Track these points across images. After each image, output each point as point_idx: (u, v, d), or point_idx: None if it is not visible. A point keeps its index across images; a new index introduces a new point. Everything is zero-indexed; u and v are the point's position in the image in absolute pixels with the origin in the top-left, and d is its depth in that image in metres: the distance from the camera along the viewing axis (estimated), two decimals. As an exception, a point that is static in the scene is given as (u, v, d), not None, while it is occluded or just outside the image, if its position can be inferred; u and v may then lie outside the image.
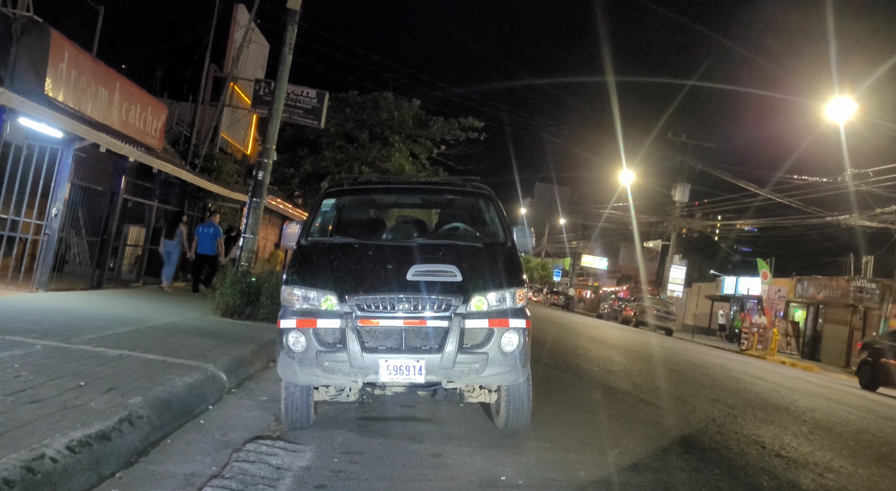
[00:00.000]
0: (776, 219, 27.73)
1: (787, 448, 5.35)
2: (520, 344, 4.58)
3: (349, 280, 4.60)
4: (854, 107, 20.59)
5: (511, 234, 5.46)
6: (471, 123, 22.71)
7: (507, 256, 5.16)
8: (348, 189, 5.99)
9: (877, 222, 22.03)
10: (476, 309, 4.56)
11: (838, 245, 27.23)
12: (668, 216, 37.39)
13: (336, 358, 4.37)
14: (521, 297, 4.75)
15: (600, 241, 57.15)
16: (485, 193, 5.90)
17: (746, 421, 6.43)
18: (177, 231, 12.88)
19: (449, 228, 5.81)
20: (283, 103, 11.17)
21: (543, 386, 6.99)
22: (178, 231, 12.89)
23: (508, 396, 4.87)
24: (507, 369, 4.54)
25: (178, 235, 12.88)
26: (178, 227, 12.94)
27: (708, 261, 47.85)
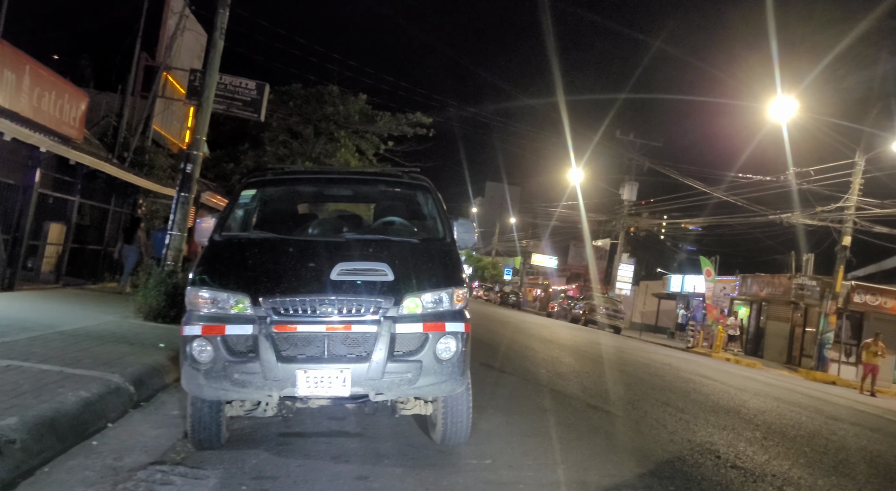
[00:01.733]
0: (721, 217, 28.11)
1: (742, 457, 5.04)
2: (458, 350, 4.12)
3: (265, 280, 4.06)
4: (795, 106, 20.93)
5: (451, 228, 4.99)
6: (419, 119, 22.20)
7: (445, 252, 4.69)
8: (271, 179, 5.42)
9: (817, 221, 22.43)
10: (409, 312, 4.08)
11: (781, 243, 27.76)
12: (616, 215, 37.65)
13: (247, 369, 3.82)
14: (459, 298, 4.29)
15: (550, 240, 57.43)
16: (423, 185, 5.41)
17: (699, 426, 6.13)
18: (135, 236, 13.03)
19: (383, 223, 5.31)
20: (214, 92, 10.47)
21: (487, 392, 6.57)
22: (136, 236, 13.04)
23: (446, 407, 4.41)
24: (443, 379, 4.08)
25: (136, 240, 13.00)
26: (137, 233, 13.08)
27: (655, 259, 48.53)
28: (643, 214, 37.86)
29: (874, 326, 22.51)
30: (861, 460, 5.73)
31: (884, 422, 9.75)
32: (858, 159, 21.35)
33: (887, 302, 22.81)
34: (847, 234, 21.59)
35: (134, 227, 13.28)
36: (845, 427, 7.80)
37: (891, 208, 21.19)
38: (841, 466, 5.28)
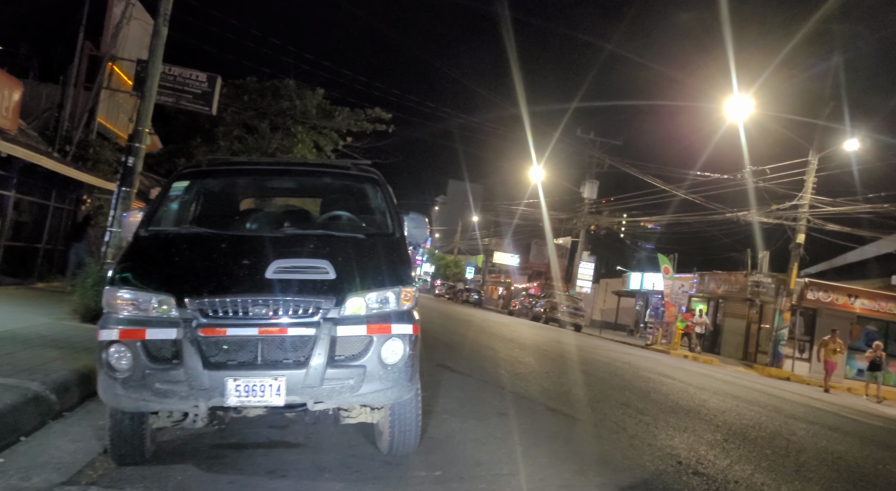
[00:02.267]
0: (679, 215, 28.37)
1: (704, 462, 4.85)
2: (405, 354, 3.82)
3: (192, 279, 3.70)
4: (752, 105, 21.17)
5: (401, 223, 4.69)
6: (378, 115, 21.78)
7: (393, 248, 4.38)
8: (207, 170, 5.03)
9: (773, 218, 22.75)
10: (352, 313, 3.77)
11: (737, 241, 28.14)
12: (577, 213, 37.80)
13: (170, 378, 3.46)
14: (407, 297, 3.99)
15: (512, 239, 57.53)
16: (372, 177, 5.08)
17: (659, 429, 5.94)
18: (85, 233, 12.84)
19: (329, 217, 4.98)
20: (157, 82, 9.96)
21: (442, 396, 6.29)
22: (86, 233, 12.85)
23: (393, 415, 4.11)
24: (389, 385, 3.77)
25: (86, 238, 12.81)
26: (87, 230, 12.88)
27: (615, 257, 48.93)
28: (604, 213, 38.09)
29: (826, 322, 22.94)
30: (822, 463, 5.61)
31: (840, 420, 9.77)
32: (812, 158, 21.71)
33: (839, 298, 23.26)
34: (801, 231, 21.94)
35: (85, 225, 12.94)
36: (804, 427, 7.73)
37: (842, 206, 21.60)
38: (803, 470, 5.14)
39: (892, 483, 5.38)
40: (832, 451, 6.27)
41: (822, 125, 21.56)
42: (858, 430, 8.80)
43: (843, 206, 21.57)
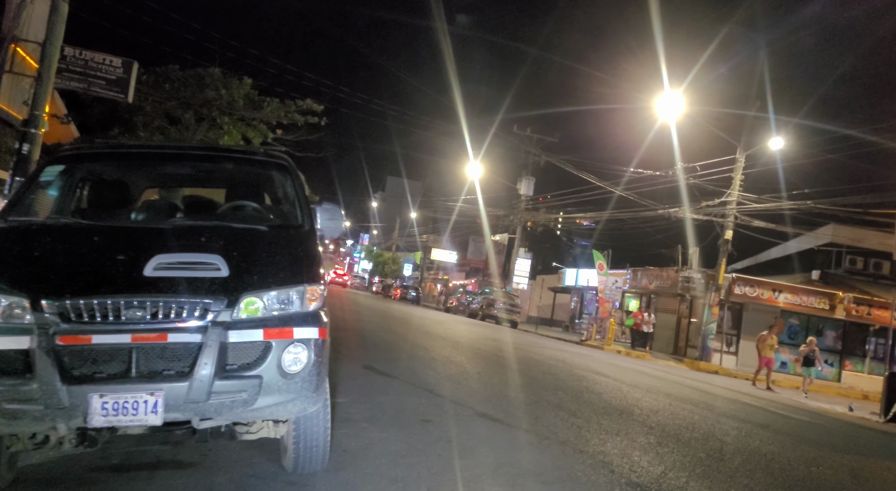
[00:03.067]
0: (613, 212, 28.66)
1: (637, 470, 4.57)
2: (310, 361, 3.37)
3: (53, 278, 3.16)
4: (682, 103, 21.47)
5: (311, 214, 4.21)
6: (309, 106, 21.07)
7: (299, 242, 3.91)
8: (86, 153, 4.44)
9: (703, 215, 23.18)
10: (247, 315, 3.29)
11: (669, 237, 28.64)
12: (514, 210, 37.86)
13: (21, 395, 2.91)
14: (313, 297, 3.54)
15: (451, 235, 57.39)
16: (280, 163, 4.57)
17: (591, 433, 5.66)
18: None
19: (231, 208, 4.46)
20: (56, 62, 9.17)
21: (364, 401, 5.84)
22: None
23: (298, 429, 3.65)
24: (290, 397, 3.32)
25: None
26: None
27: (552, 254, 49.37)
28: (541, 210, 38.29)
29: (752, 316, 23.57)
30: (756, 467, 5.44)
31: (770, 416, 9.81)
32: (739, 156, 22.21)
33: (764, 293, 23.92)
34: (729, 228, 22.42)
35: None
36: (737, 426, 7.64)
37: (767, 203, 22.20)
38: (738, 474, 4.94)
39: (825, 488, 5.25)
40: (765, 452, 6.14)
41: (749, 124, 22.09)
42: (789, 427, 8.82)
43: (768, 202, 22.17)
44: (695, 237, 24.03)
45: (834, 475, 5.68)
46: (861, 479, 5.81)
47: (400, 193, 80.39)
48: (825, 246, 29.42)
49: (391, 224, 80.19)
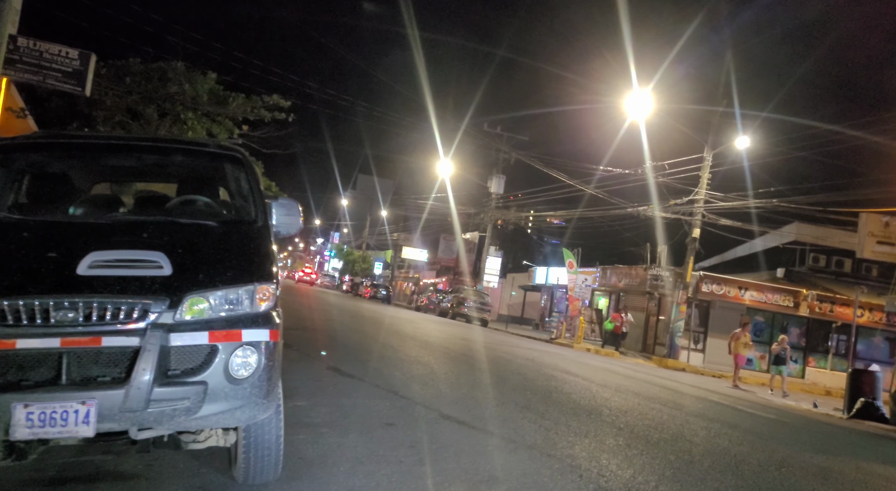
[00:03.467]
0: (583, 210, 28.75)
1: (606, 474, 4.44)
2: (260, 365, 3.16)
3: None
4: (651, 102, 21.56)
5: (265, 209, 3.99)
6: (276, 102, 20.64)
7: (251, 238, 3.69)
8: (24, 144, 4.15)
9: (671, 213, 23.33)
10: (191, 316, 3.07)
11: (638, 235, 28.82)
12: (484, 208, 37.80)
13: None
14: (265, 296, 3.32)
15: (421, 234, 57.19)
16: (233, 156, 4.34)
17: (559, 436, 5.52)
18: None
19: (181, 202, 4.21)
20: (3, 52, 8.71)
21: (324, 404, 5.63)
22: None
23: (248, 437, 3.43)
24: (238, 404, 3.11)
25: None
26: None
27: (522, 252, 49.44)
28: (511, 208, 38.29)
29: (719, 314, 23.80)
30: (727, 469, 5.36)
31: (739, 416, 9.81)
32: (706, 154, 22.39)
33: (730, 291, 24.18)
34: (696, 226, 22.60)
35: None
36: (705, 425, 7.58)
37: (733, 201, 22.43)
38: (708, 478, 4.83)
39: (796, 488, 5.18)
40: (735, 453, 6.07)
41: (716, 123, 22.29)
42: (757, 426, 8.81)
43: (735, 201, 22.40)
44: (664, 235, 24.20)
45: (804, 477, 5.62)
46: (831, 480, 5.76)
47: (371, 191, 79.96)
48: (790, 244, 29.90)
49: (362, 222, 79.71)
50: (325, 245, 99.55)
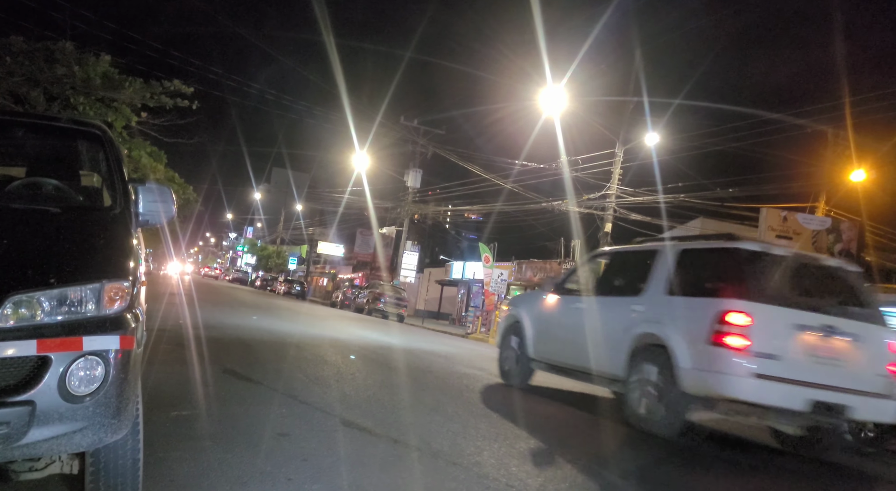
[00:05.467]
0: (499, 205, 28.83)
1: (514, 482, 4.12)
2: (108, 379, 2.64)
3: None
4: (565, 97, 21.73)
5: (127, 194, 3.42)
6: (178, 88, 19.41)
7: (103, 228, 3.14)
8: None
9: (584, 208, 23.67)
10: (15, 321, 2.52)
11: (553, 230, 29.18)
12: (401, 202, 37.39)
13: None
14: (117, 296, 2.79)
15: (338, 228, 56.20)
16: (89, 132, 3.74)
17: (468, 440, 5.19)
18: None
19: (23, 185, 3.59)
20: None
21: (211, 414, 5.07)
22: None
23: (97, 463, 2.89)
24: (79, 426, 2.58)
25: None
26: None
27: (439, 247, 49.36)
28: (430, 203, 38.06)
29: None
30: (643, 471, 5.18)
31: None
32: (618, 150, 22.83)
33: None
34: (608, 221, 23.02)
35: None
36: (614, 426, 7.45)
37: (643, 197, 22.99)
38: (623, 484, 4.62)
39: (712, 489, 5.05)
40: (651, 456, 5.92)
41: (627, 119, 22.76)
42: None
43: (644, 196, 22.96)
44: (578, 230, 24.54)
45: (727, 473, 5.54)
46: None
47: (285, 185, 78.00)
48: (695, 238, 31.03)
49: (276, 217, 77.67)
50: (239, 240, 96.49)
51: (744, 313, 5.68)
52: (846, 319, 6.00)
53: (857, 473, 6.86)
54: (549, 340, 8.37)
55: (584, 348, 7.36)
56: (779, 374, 5.61)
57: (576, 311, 7.93)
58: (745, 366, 5.60)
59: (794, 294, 6.08)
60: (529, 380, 8.92)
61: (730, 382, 5.61)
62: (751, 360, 5.59)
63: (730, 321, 5.67)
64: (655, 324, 6.49)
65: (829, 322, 5.88)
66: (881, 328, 6.26)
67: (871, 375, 5.96)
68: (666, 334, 6.24)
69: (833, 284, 6.48)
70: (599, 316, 7.44)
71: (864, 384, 5.91)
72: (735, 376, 5.61)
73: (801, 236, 19.74)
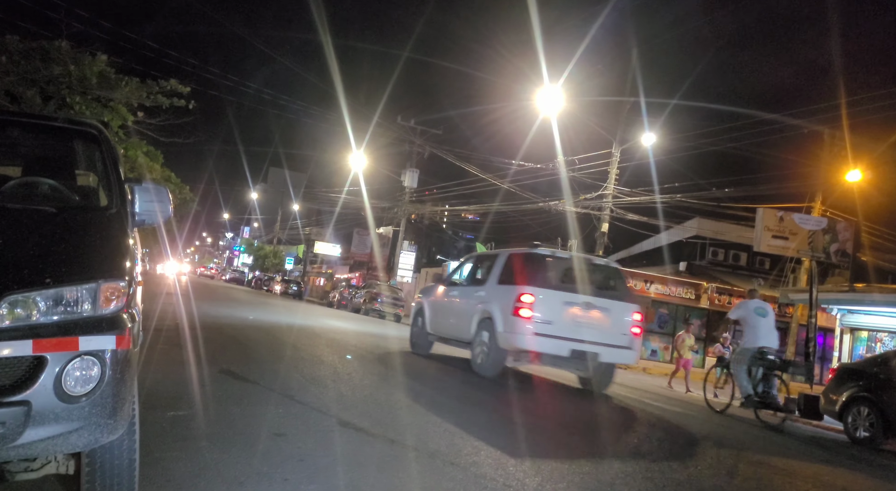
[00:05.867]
0: (497, 205, 28.84)
1: (512, 482, 4.12)
2: (104, 379, 2.63)
3: None
4: (562, 97, 21.74)
5: (124, 194, 3.42)
6: (174, 87, 19.35)
7: (100, 227, 3.13)
8: None
9: (581, 208, 23.68)
10: (10, 321, 2.52)
11: (550, 230, 29.19)
12: (398, 202, 37.37)
13: None
14: (113, 295, 2.79)
15: (335, 228, 56.16)
16: (85, 131, 3.73)
17: (465, 440, 5.19)
18: None
19: (19, 184, 3.58)
20: None
21: (208, 414, 5.07)
22: None
23: (93, 463, 2.89)
24: (75, 426, 2.58)
25: None
26: None
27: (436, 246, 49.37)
28: (427, 203, 38.05)
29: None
30: (637, 470, 5.19)
31: (645, 409, 9.83)
32: (615, 150, 22.84)
33: (637, 284, 24.82)
34: (605, 220, 23.04)
35: None
36: (609, 416, 7.47)
37: (640, 197, 23.01)
38: (617, 483, 4.61)
39: (706, 488, 5.07)
40: (644, 452, 5.94)
41: (624, 120, 22.78)
42: (664, 420, 8.83)
43: (641, 196, 22.98)
44: (574, 229, 24.56)
45: (713, 475, 5.55)
46: (738, 477, 5.73)
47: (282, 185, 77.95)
48: (691, 238, 31.12)
49: (273, 216, 77.57)
50: (235, 240, 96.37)
51: (530, 295, 8.62)
52: (602, 298, 8.96)
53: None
54: (438, 319, 11.26)
55: (455, 323, 10.42)
56: (552, 333, 8.54)
57: (452, 297, 11.10)
58: (531, 328, 8.52)
59: (567, 282, 9.08)
60: (430, 349, 11.81)
61: (522, 339, 8.55)
62: (534, 324, 8.51)
63: (522, 300, 8.61)
64: (488, 303, 9.37)
65: (589, 300, 8.83)
66: (627, 304, 9.27)
67: (618, 334, 8.95)
68: (492, 310, 9.09)
69: (597, 275, 9.48)
70: (463, 300, 10.52)
71: (613, 340, 8.86)
72: (525, 335, 8.52)
73: (797, 236, 19.79)
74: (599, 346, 8.69)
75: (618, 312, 9.07)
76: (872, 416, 9.11)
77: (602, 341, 8.73)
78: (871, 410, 9.17)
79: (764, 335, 9.90)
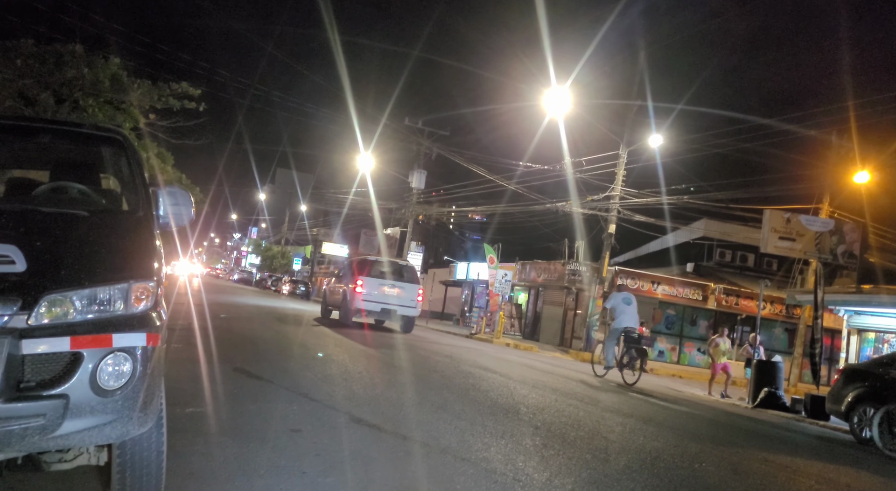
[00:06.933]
0: (504, 206, 28.93)
1: (522, 478, 4.26)
2: (135, 374, 2.77)
3: None
4: (569, 98, 21.82)
5: (150, 198, 3.56)
6: (185, 90, 19.59)
7: (129, 230, 3.28)
8: None
9: (588, 209, 23.75)
10: (49, 319, 2.66)
11: (557, 231, 29.28)
12: (406, 203, 37.50)
13: None
14: (143, 295, 2.93)
15: (342, 229, 56.34)
16: (111, 137, 3.88)
17: (475, 437, 5.33)
18: None
19: (50, 189, 3.73)
20: None
21: (225, 411, 5.22)
22: None
23: (123, 455, 3.03)
24: (109, 419, 2.71)
25: None
26: None
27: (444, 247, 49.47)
28: (434, 204, 38.16)
29: (634, 307, 24.45)
30: (643, 466, 5.31)
31: (653, 409, 9.95)
32: (622, 152, 22.91)
33: (644, 285, 24.90)
34: (612, 222, 23.10)
35: None
36: (621, 421, 7.59)
37: (647, 198, 23.06)
38: (623, 478, 4.74)
39: (710, 485, 5.18)
40: (650, 449, 6.05)
41: (631, 121, 22.85)
42: (670, 420, 8.92)
43: (648, 197, 23.03)
44: (581, 231, 24.63)
45: (717, 472, 5.66)
46: (742, 474, 5.83)
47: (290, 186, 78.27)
48: (698, 239, 31.12)
49: (281, 217, 77.88)
50: (243, 240, 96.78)
51: (361, 281, 16.41)
52: (401, 282, 17.06)
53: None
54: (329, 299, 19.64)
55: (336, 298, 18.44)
56: (371, 299, 16.42)
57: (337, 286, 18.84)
58: (360, 297, 16.33)
59: (382, 273, 17.00)
60: (330, 316, 19.30)
61: (356, 302, 16.35)
62: (363, 295, 16.31)
63: (358, 283, 16.41)
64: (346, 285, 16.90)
65: (393, 282, 16.91)
66: (414, 285, 17.36)
67: (410, 300, 17.05)
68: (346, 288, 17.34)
69: (400, 270, 17.69)
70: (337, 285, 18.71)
71: (406, 302, 16.97)
72: (358, 300, 16.31)
73: (804, 238, 19.81)
74: (398, 306, 16.78)
75: (409, 289, 17.12)
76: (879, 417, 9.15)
77: (401, 303, 16.82)
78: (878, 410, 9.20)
79: (628, 319, 12.93)
